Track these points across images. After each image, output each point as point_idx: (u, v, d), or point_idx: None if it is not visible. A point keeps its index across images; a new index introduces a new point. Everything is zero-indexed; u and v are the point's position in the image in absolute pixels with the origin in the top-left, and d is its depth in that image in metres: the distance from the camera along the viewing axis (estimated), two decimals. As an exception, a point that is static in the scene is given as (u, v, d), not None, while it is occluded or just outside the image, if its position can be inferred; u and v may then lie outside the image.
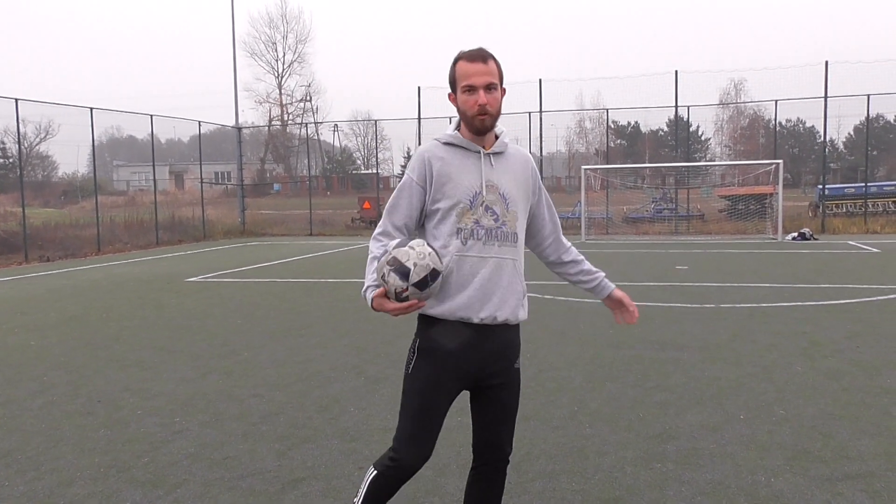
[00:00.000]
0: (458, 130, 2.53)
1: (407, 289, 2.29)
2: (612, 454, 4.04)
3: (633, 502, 3.43)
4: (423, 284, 2.29)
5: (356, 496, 2.57)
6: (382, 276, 2.32)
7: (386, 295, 2.32)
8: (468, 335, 2.46)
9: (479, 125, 2.44)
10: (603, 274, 2.79)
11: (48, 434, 4.59)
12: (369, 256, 2.49)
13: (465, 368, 2.49)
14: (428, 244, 2.37)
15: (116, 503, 3.55)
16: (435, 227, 2.50)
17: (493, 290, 2.48)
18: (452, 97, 2.49)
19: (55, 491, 3.71)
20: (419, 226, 2.55)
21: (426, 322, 2.50)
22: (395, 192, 2.53)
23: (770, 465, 3.83)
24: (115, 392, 5.52)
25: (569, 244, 2.81)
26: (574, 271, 2.79)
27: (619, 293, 2.75)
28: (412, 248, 2.32)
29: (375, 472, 2.52)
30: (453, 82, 2.46)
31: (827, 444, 4.13)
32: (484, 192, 2.47)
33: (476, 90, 2.39)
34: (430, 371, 2.46)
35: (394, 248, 2.34)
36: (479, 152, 2.50)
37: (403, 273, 2.28)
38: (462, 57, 2.43)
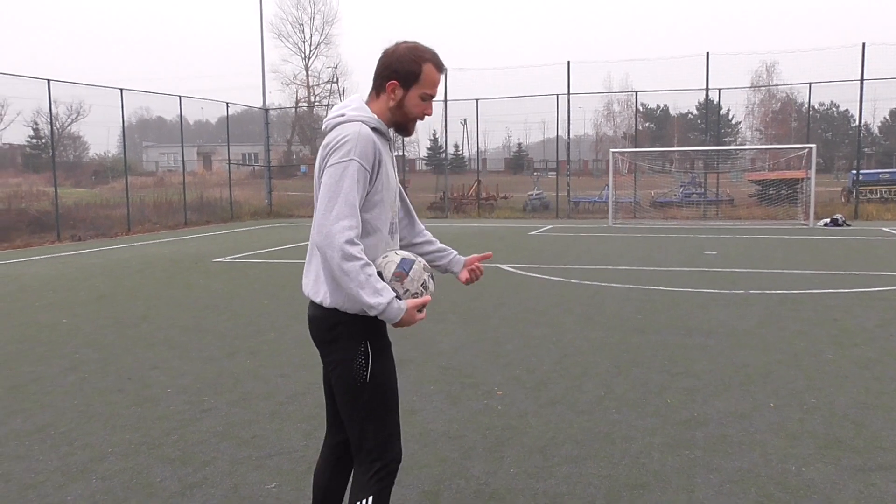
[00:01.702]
0: (372, 112, 2.36)
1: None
2: (640, 440, 4.01)
3: (660, 489, 3.41)
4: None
5: None
6: (423, 284, 2.32)
7: (420, 305, 2.31)
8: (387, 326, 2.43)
9: (410, 129, 2.42)
10: (454, 250, 2.74)
11: (80, 410, 4.67)
12: (358, 263, 2.17)
13: None
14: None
15: (147, 479, 3.60)
16: (371, 220, 2.32)
17: None
18: (396, 87, 2.33)
19: (88, 466, 3.77)
20: None
21: (365, 323, 2.32)
22: (344, 180, 2.21)
23: (801, 454, 3.78)
24: (144, 370, 5.60)
25: (422, 226, 2.73)
26: (428, 250, 2.69)
27: (466, 258, 2.69)
28: (418, 254, 2.48)
29: (370, 497, 2.32)
30: (410, 79, 2.32)
31: (859, 433, 4.06)
32: (397, 184, 2.47)
33: (430, 100, 2.39)
34: (386, 368, 2.39)
35: (415, 255, 2.40)
36: (390, 141, 2.45)
37: (433, 277, 2.40)
38: (431, 61, 2.35)
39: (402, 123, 2.40)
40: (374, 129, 2.32)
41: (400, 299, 2.26)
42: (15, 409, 4.71)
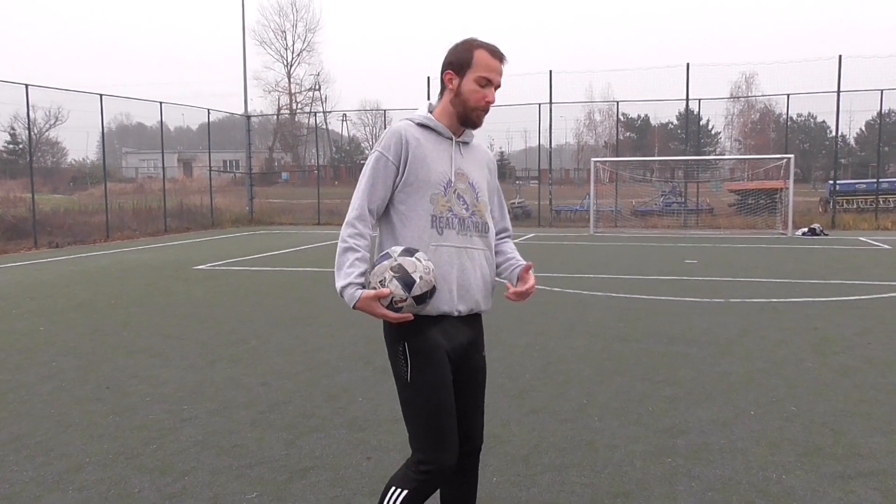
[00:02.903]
0: (432, 113, 2.46)
1: (406, 300, 2.24)
2: (622, 448, 4.02)
3: (642, 497, 3.41)
4: (421, 299, 2.26)
5: None
6: (382, 281, 2.24)
7: (376, 298, 2.25)
8: (450, 328, 2.41)
9: (475, 119, 2.43)
10: (518, 258, 2.72)
11: (57, 419, 4.59)
12: (342, 245, 2.34)
13: (451, 360, 2.42)
14: (427, 258, 2.30)
15: (125, 490, 3.55)
16: (406, 212, 2.38)
17: (470, 281, 2.45)
18: (452, 77, 2.40)
19: (64, 477, 3.71)
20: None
21: (408, 322, 2.33)
22: (367, 171, 2.38)
23: (781, 462, 3.80)
24: (123, 378, 5.53)
25: (504, 233, 2.74)
26: (497, 261, 2.68)
27: (524, 272, 2.61)
28: (419, 260, 2.27)
29: (406, 491, 2.33)
30: (464, 65, 2.37)
31: (839, 440, 4.10)
32: (454, 180, 2.43)
33: (490, 86, 2.39)
34: (432, 370, 2.35)
35: (399, 255, 2.28)
36: (452, 139, 2.46)
37: (407, 284, 2.23)
38: (483, 46, 2.38)
39: (465, 115, 2.42)
40: (419, 124, 2.42)
41: (362, 288, 2.28)
42: (-10, 419, 4.62)
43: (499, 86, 2.42)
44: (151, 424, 4.49)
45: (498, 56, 2.39)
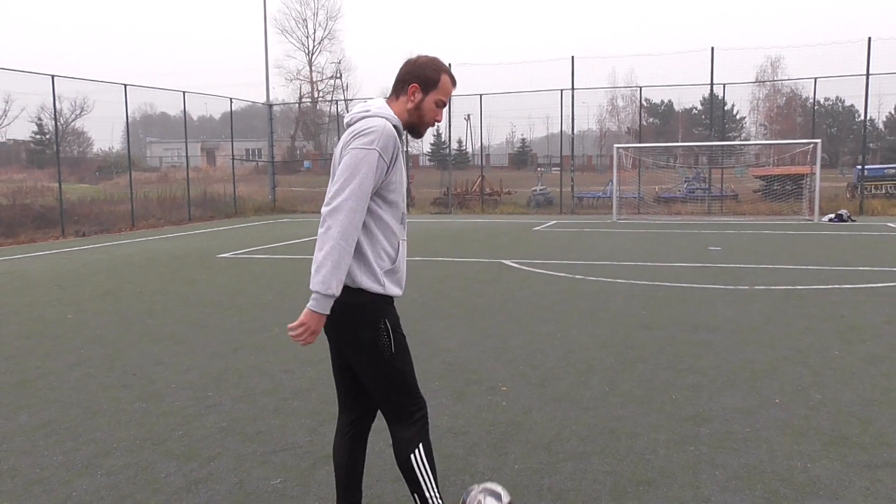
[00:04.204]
0: (392, 112, 2.57)
1: None
2: (645, 436, 4.01)
3: (665, 485, 3.40)
4: None
5: (423, 487, 2.61)
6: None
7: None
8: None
9: (421, 131, 2.65)
10: None
11: (85, 406, 4.67)
12: (349, 248, 2.39)
13: None
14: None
15: (152, 475, 3.61)
16: (386, 210, 2.53)
17: (405, 267, 2.70)
18: (416, 90, 2.57)
19: (93, 462, 3.78)
20: None
21: (385, 302, 2.57)
22: (363, 166, 2.40)
23: (807, 451, 3.77)
24: (149, 366, 5.60)
25: None
26: None
27: None
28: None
29: (420, 444, 2.62)
30: (430, 85, 2.58)
31: (866, 430, 4.05)
32: (406, 178, 2.67)
33: (442, 108, 2.65)
34: (401, 338, 2.63)
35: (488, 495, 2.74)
36: (404, 139, 2.69)
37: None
38: (447, 73, 2.62)
39: (416, 126, 2.63)
40: (394, 126, 2.53)
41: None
42: (21, 405, 4.71)
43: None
44: (177, 411, 4.55)
45: (455, 83, 2.67)
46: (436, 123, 2.66)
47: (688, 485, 3.40)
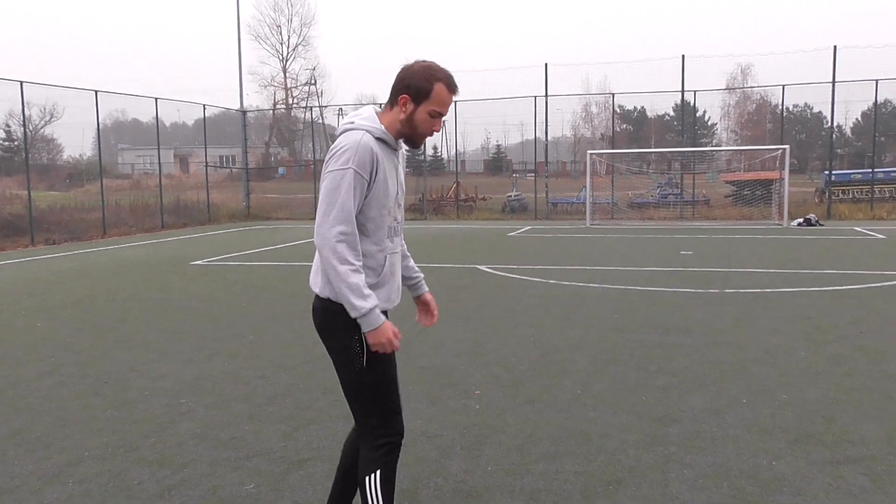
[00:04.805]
0: (380, 123, 2.50)
1: None
2: (615, 437, 4.07)
3: (635, 484, 3.46)
4: None
5: None
6: None
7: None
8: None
9: (417, 142, 2.57)
10: (423, 275, 2.95)
11: (57, 414, 4.64)
12: (351, 267, 2.39)
13: None
14: None
15: (124, 482, 3.60)
16: (369, 223, 2.50)
17: (397, 279, 2.68)
18: (407, 101, 2.46)
19: (64, 470, 3.75)
20: None
21: None
22: (342, 187, 2.39)
23: (772, 449, 3.86)
24: (122, 373, 5.57)
25: (404, 243, 2.87)
26: (402, 265, 2.84)
27: (429, 296, 2.92)
28: None
29: (378, 470, 2.54)
30: (421, 95, 2.45)
31: (829, 427, 4.15)
32: (399, 191, 2.61)
33: (440, 117, 2.52)
34: (382, 358, 2.55)
35: None
36: (397, 151, 2.60)
37: None
38: (443, 81, 2.47)
39: (411, 136, 2.55)
40: (378, 138, 2.48)
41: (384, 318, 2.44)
42: (-10, 414, 4.66)
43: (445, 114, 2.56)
44: (150, 418, 4.53)
45: (454, 90, 2.50)
46: (433, 133, 2.56)
47: (656, 483, 3.47)
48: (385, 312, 2.59)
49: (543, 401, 4.72)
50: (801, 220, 20.07)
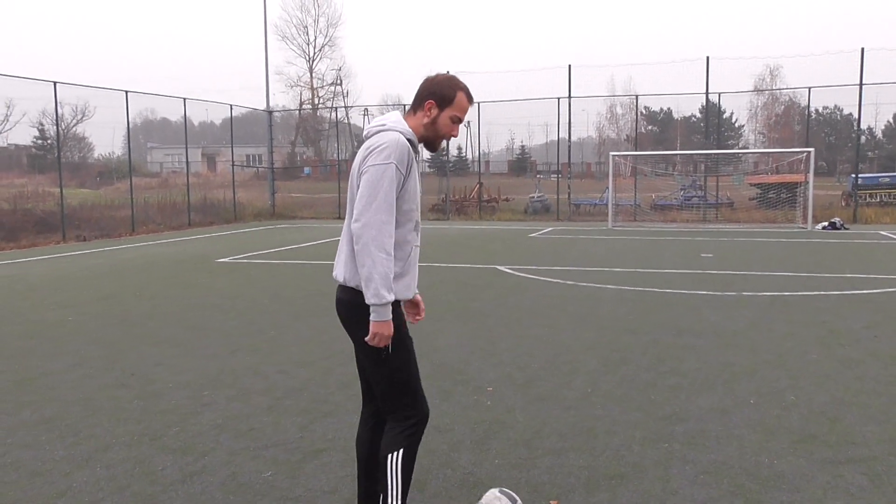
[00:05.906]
0: (407, 126, 2.72)
1: None
2: (621, 434, 4.18)
3: (637, 479, 3.57)
4: None
5: (388, 490, 2.73)
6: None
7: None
8: (401, 307, 2.84)
9: (437, 146, 2.83)
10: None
11: (85, 404, 4.85)
12: (388, 258, 2.57)
13: None
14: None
15: (149, 468, 3.78)
16: (401, 216, 2.68)
17: (416, 271, 2.87)
18: (433, 107, 2.73)
19: (93, 455, 3.95)
20: None
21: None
22: (384, 181, 2.58)
23: (775, 448, 3.94)
24: (147, 366, 5.78)
25: None
26: None
27: (419, 297, 3.01)
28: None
29: (402, 449, 2.74)
30: (446, 101, 2.74)
31: (833, 429, 4.22)
32: (420, 189, 2.83)
33: (458, 124, 2.80)
34: (404, 339, 2.78)
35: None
36: (418, 153, 2.82)
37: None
38: (463, 90, 2.77)
39: (431, 140, 2.80)
40: (408, 139, 2.69)
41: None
42: (23, 402, 4.89)
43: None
44: (174, 409, 4.73)
45: (472, 100, 2.81)
46: (451, 138, 2.84)
47: (658, 479, 3.57)
48: (400, 303, 2.76)
49: (553, 399, 4.84)
50: (825, 223, 19.88)
